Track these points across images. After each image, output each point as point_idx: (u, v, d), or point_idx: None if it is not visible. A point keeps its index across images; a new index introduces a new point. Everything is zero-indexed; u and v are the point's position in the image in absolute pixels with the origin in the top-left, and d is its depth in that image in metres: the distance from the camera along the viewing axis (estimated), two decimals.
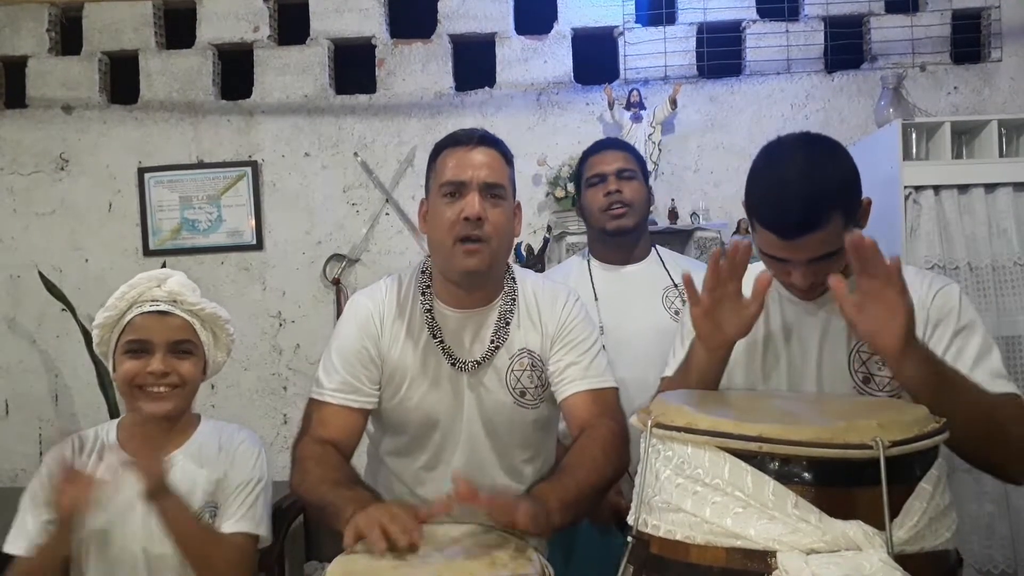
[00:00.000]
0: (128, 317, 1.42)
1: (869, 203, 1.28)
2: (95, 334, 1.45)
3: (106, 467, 1.39)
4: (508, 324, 1.48)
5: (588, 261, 2.04)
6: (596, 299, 1.93)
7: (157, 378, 1.40)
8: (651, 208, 2.06)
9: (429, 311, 1.48)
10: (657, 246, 2.07)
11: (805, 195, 1.17)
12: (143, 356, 1.40)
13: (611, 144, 2.06)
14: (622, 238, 1.97)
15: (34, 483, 1.44)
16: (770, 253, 1.26)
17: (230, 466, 1.47)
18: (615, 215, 1.93)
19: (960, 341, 1.28)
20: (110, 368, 1.46)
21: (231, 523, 1.43)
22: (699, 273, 1.99)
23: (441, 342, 1.46)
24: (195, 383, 1.46)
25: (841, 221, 1.20)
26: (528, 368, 1.48)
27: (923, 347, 1.16)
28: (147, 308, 1.41)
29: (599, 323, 1.89)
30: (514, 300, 1.50)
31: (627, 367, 1.71)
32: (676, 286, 1.95)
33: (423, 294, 1.49)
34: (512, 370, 1.47)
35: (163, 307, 1.42)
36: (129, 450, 1.44)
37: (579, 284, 1.97)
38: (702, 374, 1.29)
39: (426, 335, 1.47)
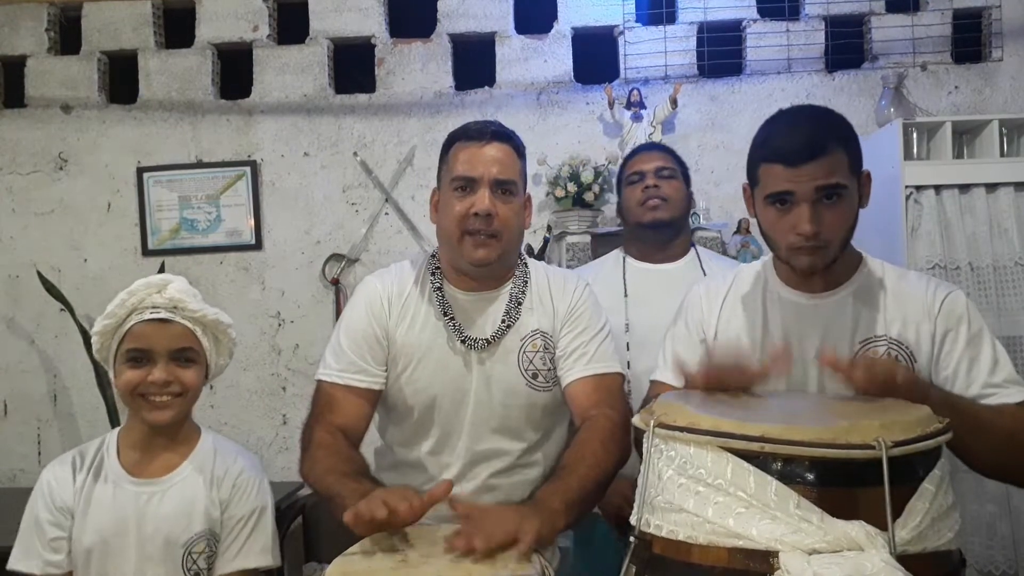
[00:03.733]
0: (128, 325, 1.38)
1: (869, 176, 1.31)
2: (95, 340, 1.41)
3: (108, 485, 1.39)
4: (520, 305, 1.48)
5: (624, 258, 2.05)
6: (626, 295, 1.95)
7: (160, 387, 1.37)
8: (692, 210, 2.13)
9: (439, 290, 1.49)
10: (697, 246, 2.08)
11: (810, 124, 1.25)
12: (144, 365, 1.37)
13: (652, 146, 2.15)
14: (658, 232, 1.98)
15: (36, 503, 1.42)
16: (776, 190, 1.25)
17: (231, 499, 1.43)
18: (651, 207, 1.96)
19: (972, 350, 1.28)
20: (111, 374, 1.43)
21: (234, 561, 1.41)
22: (726, 266, 1.97)
23: (452, 319, 1.46)
24: (197, 390, 1.44)
25: (845, 159, 1.23)
26: (541, 350, 1.48)
27: (936, 394, 1.16)
28: (147, 316, 1.37)
29: (625, 320, 1.91)
30: (526, 283, 1.51)
31: (649, 365, 1.70)
32: None
33: (433, 275, 1.50)
34: (524, 351, 1.47)
35: (164, 314, 1.38)
36: (129, 460, 1.42)
37: (611, 279, 1.98)
38: None
39: (436, 314, 1.48)
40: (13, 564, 1.38)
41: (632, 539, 0.99)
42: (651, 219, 1.96)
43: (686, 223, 2.08)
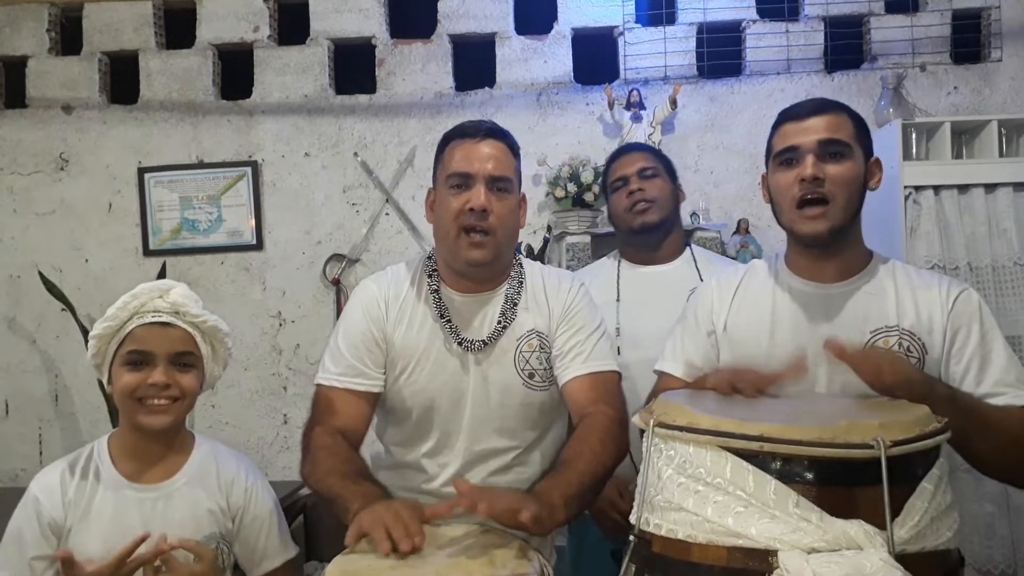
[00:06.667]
0: (129, 327, 1.37)
1: (879, 162, 1.37)
2: (91, 345, 1.39)
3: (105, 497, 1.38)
4: (515, 305, 1.49)
5: (618, 262, 2.02)
6: (618, 300, 1.91)
7: (159, 390, 1.36)
8: (682, 205, 2.07)
9: (436, 292, 1.49)
10: (692, 245, 2.04)
11: (822, 98, 1.39)
12: (144, 368, 1.36)
13: (632, 147, 2.08)
14: (648, 235, 1.94)
15: (20, 516, 1.40)
16: (783, 147, 1.33)
17: (248, 504, 1.46)
18: (639, 211, 1.92)
19: (984, 348, 1.29)
20: (104, 380, 1.42)
21: (277, 556, 1.47)
22: (726, 268, 1.95)
23: (448, 321, 1.47)
24: (194, 396, 1.43)
25: (849, 124, 1.32)
26: (537, 349, 1.48)
27: (942, 389, 1.16)
28: (149, 319, 1.37)
29: (616, 324, 1.89)
30: (521, 283, 1.52)
31: (641, 368, 1.68)
32: None
33: (429, 276, 1.51)
34: (521, 351, 1.47)
35: (165, 318, 1.38)
36: (126, 467, 1.41)
37: (606, 285, 1.96)
38: None
39: (433, 316, 1.48)
40: None
41: (632, 538, 0.99)
42: (639, 224, 1.92)
43: (677, 221, 2.03)
